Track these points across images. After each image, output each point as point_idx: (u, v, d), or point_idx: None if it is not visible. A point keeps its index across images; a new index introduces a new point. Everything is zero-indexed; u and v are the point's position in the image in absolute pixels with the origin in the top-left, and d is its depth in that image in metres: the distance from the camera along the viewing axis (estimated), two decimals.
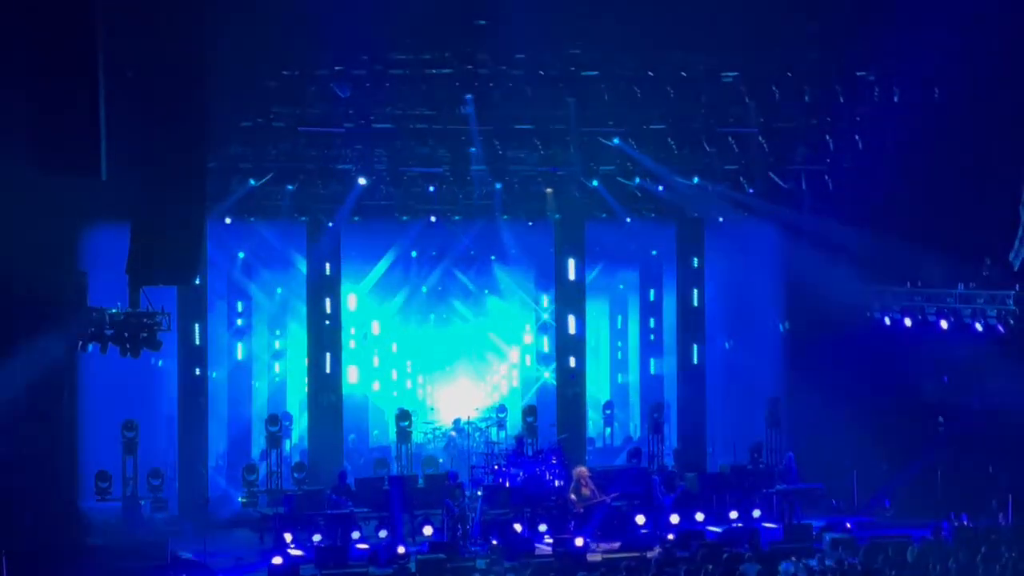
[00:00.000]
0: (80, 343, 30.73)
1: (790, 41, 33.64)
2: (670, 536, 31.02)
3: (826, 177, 36.57)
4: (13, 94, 27.92)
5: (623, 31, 32.55)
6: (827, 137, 36.02)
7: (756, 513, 33.06)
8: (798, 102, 35.37)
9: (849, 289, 37.18)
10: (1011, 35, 32.47)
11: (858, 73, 35.31)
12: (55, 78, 28.30)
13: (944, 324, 34.80)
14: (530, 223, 38.67)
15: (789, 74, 35.01)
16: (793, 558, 25.80)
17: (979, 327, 33.94)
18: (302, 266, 37.31)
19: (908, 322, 35.54)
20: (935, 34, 32.76)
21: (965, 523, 30.68)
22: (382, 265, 42.06)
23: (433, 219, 38.08)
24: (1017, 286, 33.38)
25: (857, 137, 36.00)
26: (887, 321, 36.19)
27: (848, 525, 31.63)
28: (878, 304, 36.66)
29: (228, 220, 35.34)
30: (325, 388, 36.77)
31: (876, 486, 35.20)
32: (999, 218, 33.89)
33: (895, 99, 35.40)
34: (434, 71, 33.75)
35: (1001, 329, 33.59)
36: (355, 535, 30.89)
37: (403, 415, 37.79)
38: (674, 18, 31.98)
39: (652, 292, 42.74)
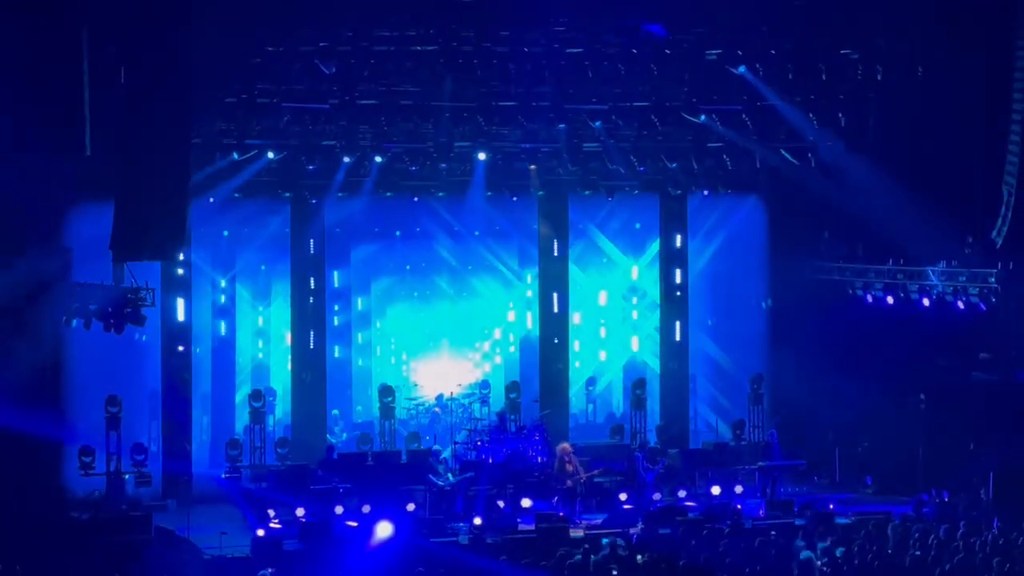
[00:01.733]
0: (64, 318, 30.82)
1: (774, 20, 33.68)
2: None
3: (809, 155, 36.65)
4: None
5: (607, 8, 32.62)
6: (810, 115, 36.10)
7: (738, 489, 33.15)
8: (782, 80, 35.50)
9: (832, 267, 37.40)
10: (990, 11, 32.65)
11: (842, 51, 35.41)
12: (39, 56, 28.41)
13: (926, 302, 34.99)
14: (514, 198, 38.68)
15: (772, 52, 35.13)
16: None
17: (961, 305, 34.13)
18: (286, 243, 37.28)
19: (890, 299, 35.71)
20: (917, 12, 32.92)
21: (945, 499, 30.91)
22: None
23: (416, 199, 38.20)
24: (999, 264, 33.54)
25: (840, 115, 36.13)
26: (869, 299, 36.32)
27: (831, 505, 31.73)
28: (860, 282, 36.78)
29: (211, 199, 35.30)
30: (308, 364, 36.87)
31: (858, 463, 35.38)
32: (982, 196, 34.07)
33: (878, 77, 35.51)
34: (419, 48, 33.82)
35: (983, 307, 33.78)
36: (339, 510, 30.96)
37: (386, 391, 37.90)
38: None
39: (635, 268, 42.70)
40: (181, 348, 35.17)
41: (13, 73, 28.37)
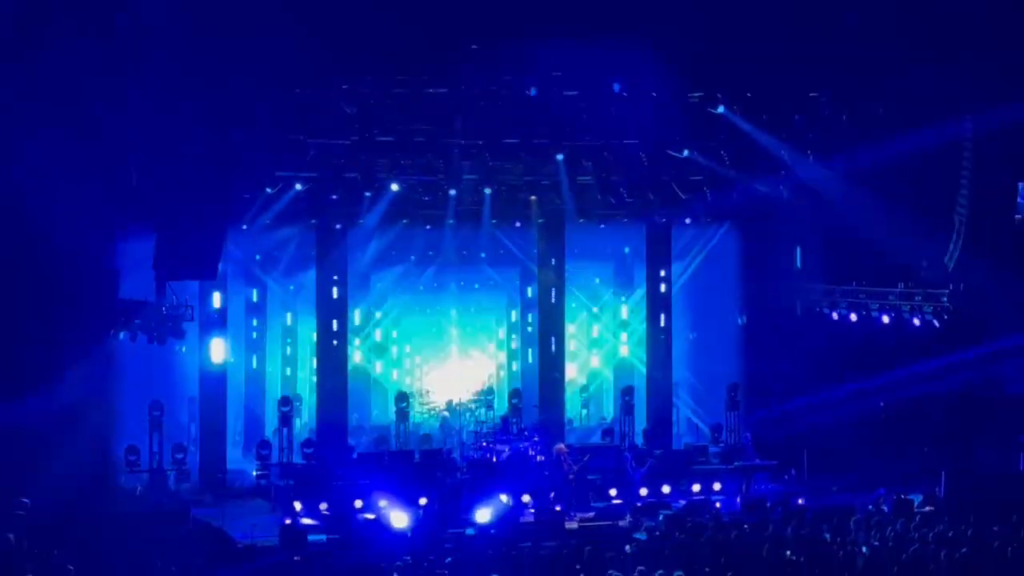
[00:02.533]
0: (112, 332, 30.90)
1: (749, 65, 33.71)
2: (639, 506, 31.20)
3: (780, 187, 36.73)
4: (43, 101, 28.05)
5: (598, 58, 32.65)
6: (783, 153, 36.17)
7: (717, 486, 33.19)
8: (757, 119, 35.57)
9: (801, 287, 37.48)
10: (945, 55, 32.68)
11: (811, 94, 35.50)
12: (88, 89, 28.44)
13: (886, 319, 35.10)
14: (517, 224, 38.75)
15: (749, 94, 35.20)
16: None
17: (917, 322, 34.23)
18: (312, 264, 37.34)
19: (854, 317, 35.81)
20: (881, 55, 32.95)
21: (903, 496, 30.92)
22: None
23: (428, 227, 38.29)
24: (951, 285, 33.63)
25: (808, 151, 36.21)
26: (835, 316, 36.42)
27: (800, 500, 31.76)
28: (827, 300, 36.89)
29: (244, 227, 35.40)
30: (332, 372, 36.92)
31: (824, 463, 35.37)
32: (936, 224, 34.12)
33: (843, 117, 35.60)
34: (431, 91, 33.90)
35: (936, 324, 33.86)
36: (358, 504, 31.03)
37: (401, 397, 38.06)
38: (646, 44, 32.08)
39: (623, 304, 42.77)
40: (218, 351, 35.12)
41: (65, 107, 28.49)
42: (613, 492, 32.47)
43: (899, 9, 31.52)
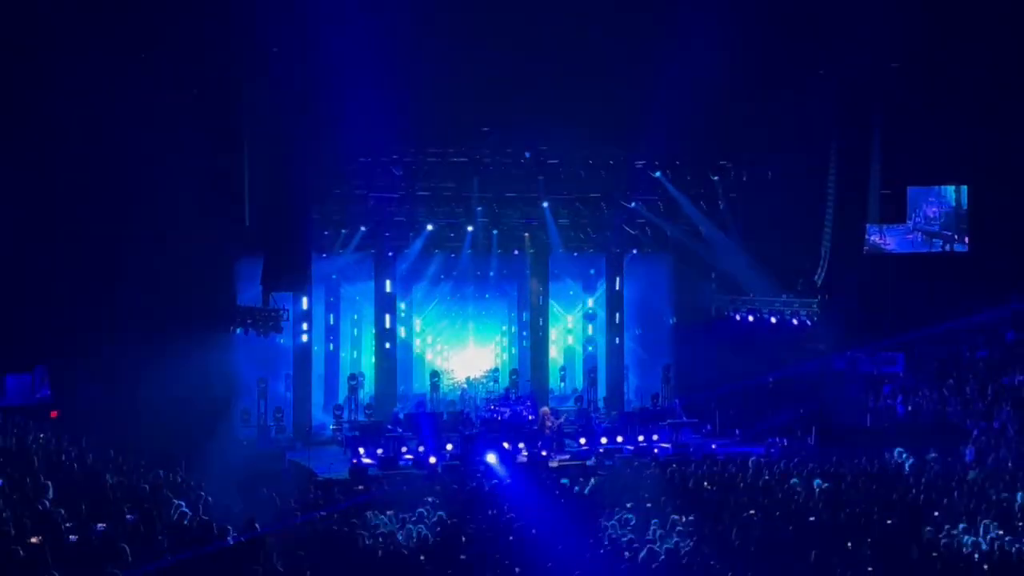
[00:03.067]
0: (231, 328, 31.05)
1: (678, 142, 33.71)
2: (600, 450, 31.26)
3: (700, 228, 36.88)
4: (185, 167, 28.24)
5: (573, 134, 32.81)
6: (701, 203, 36.36)
7: (655, 437, 33.18)
8: (682, 180, 35.80)
9: (713, 296, 37.62)
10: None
11: (720, 162, 35.72)
12: (216, 158, 28.59)
13: (773, 320, 35.22)
14: (515, 252, 38.78)
15: (677, 162, 35.41)
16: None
17: (795, 322, 34.39)
18: (371, 282, 37.38)
19: (751, 318, 35.96)
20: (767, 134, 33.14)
21: (785, 444, 31.04)
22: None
23: (452, 254, 38.37)
24: (819, 296, 33.76)
25: (720, 202, 36.40)
26: (737, 317, 36.56)
27: (713, 446, 31.85)
28: (731, 306, 37.03)
29: (324, 255, 35.50)
30: (384, 356, 37.01)
31: (731, 420, 35.36)
32: (808, 250, 34.30)
33: (743, 178, 35.79)
34: (455, 159, 34.11)
35: (808, 323, 34.03)
36: (403, 449, 31.15)
37: (434, 374, 38.24)
38: (607, 123, 32.24)
39: (590, 299, 42.66)
40: (305, 339, 35.18)
41: (200, 171, 28.65)
42: (583, 440, 32.49)
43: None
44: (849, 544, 17.34)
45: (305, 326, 34.82)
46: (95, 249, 28.53)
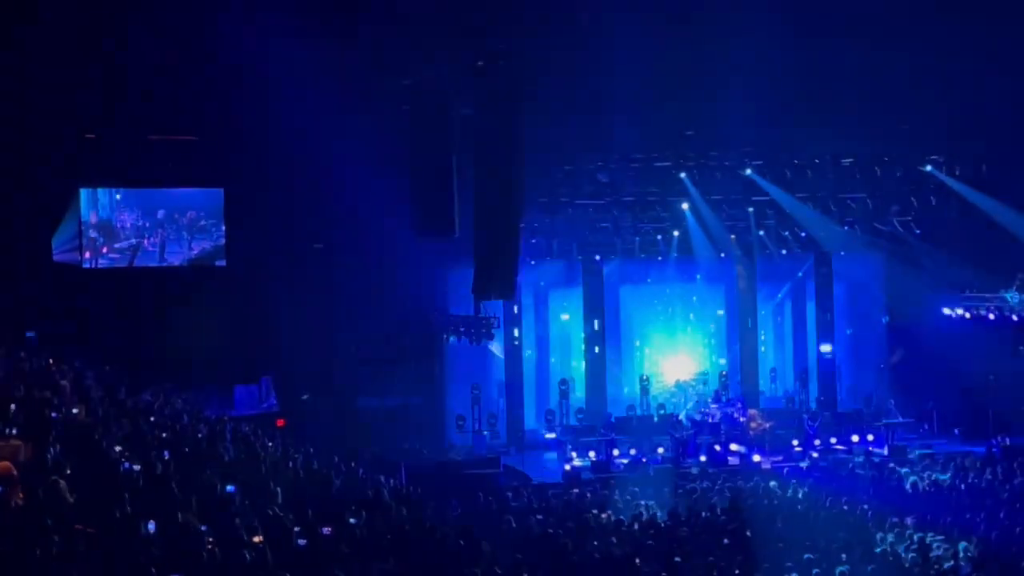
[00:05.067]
0: (444, 336, 31.61)
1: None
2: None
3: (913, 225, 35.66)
4: (399, 183, 28.85)
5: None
6: (912, 199, 35.08)
7: (870, 437, 32.03)
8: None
9: (926, 294, 36.03)
10: None
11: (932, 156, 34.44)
12: (426, 173, 29.11)
13: (991, 316, 33.43)
14: (722, 254, 37.83)
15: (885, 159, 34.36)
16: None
17: (1015, 318, 32.79)
18: (579, 288, 37.33)
19: (967, 315, 34.20)
20: None
21: (1008, 443, 29.76)
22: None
23: (660, 257, 37.79)
24: None
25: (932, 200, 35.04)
26: (953, 314, 34.81)
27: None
28: (946, 303, 35.31)
29: (532, 262, 35.51)
30: (594, 361, 37.00)
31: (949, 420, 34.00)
32: None
33: (956, 172, 34.35)
34: (658, 164, 33.92)
35: None
36: (615, 452, 31.15)
37: (644, 379, 37.93)
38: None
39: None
40: (516, 343, 35.44)
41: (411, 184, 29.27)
42: (795, 442, 32.00)
43: None
44: None
45: (516, 332, 35.12)
46: (313, 272, 29.59)
